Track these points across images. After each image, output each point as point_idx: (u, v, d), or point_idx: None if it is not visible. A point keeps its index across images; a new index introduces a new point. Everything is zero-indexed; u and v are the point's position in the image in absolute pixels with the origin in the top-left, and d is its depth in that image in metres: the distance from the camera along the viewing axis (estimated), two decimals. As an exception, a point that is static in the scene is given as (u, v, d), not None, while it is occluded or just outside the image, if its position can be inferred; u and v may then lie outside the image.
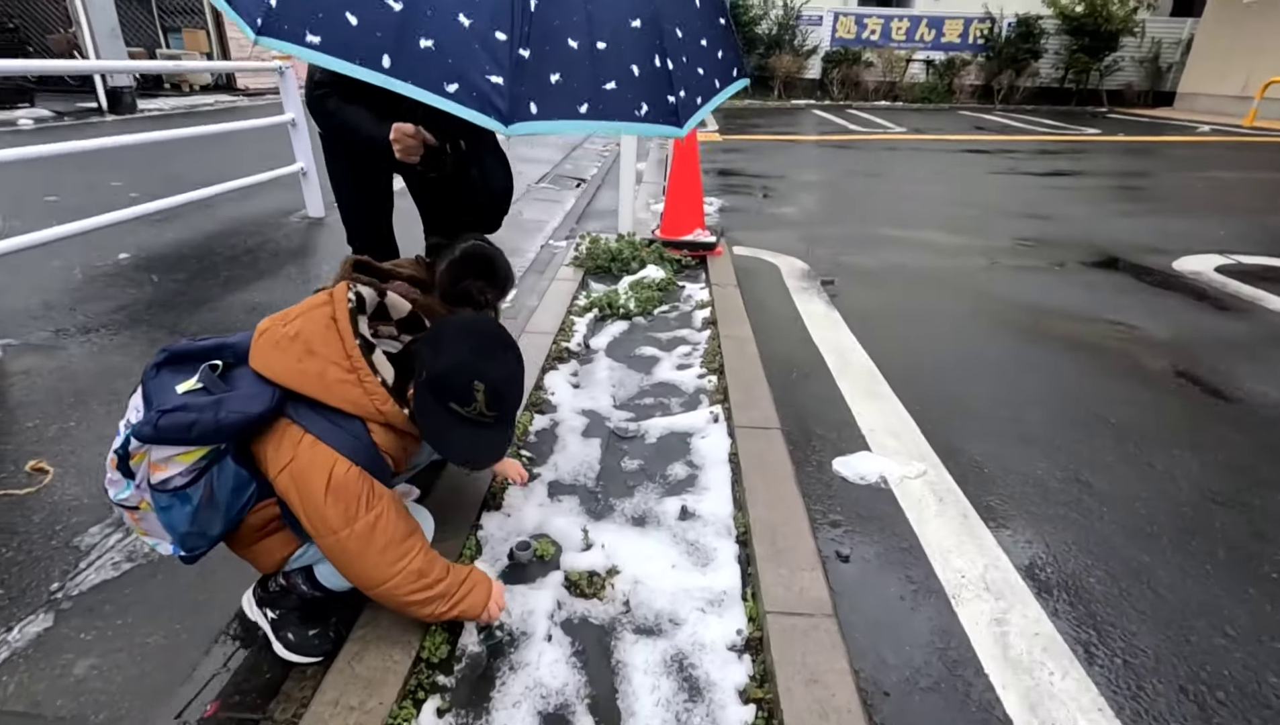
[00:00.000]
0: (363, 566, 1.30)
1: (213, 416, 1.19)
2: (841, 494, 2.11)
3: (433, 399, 1.33)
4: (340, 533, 1.26)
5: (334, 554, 1.29)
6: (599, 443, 2.33)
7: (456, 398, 1.32)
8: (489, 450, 1.45)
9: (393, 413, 1.32)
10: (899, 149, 9.86)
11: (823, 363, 3.01)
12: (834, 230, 5.33)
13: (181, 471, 1.22)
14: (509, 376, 1.40)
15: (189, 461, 1.22)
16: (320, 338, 1.29)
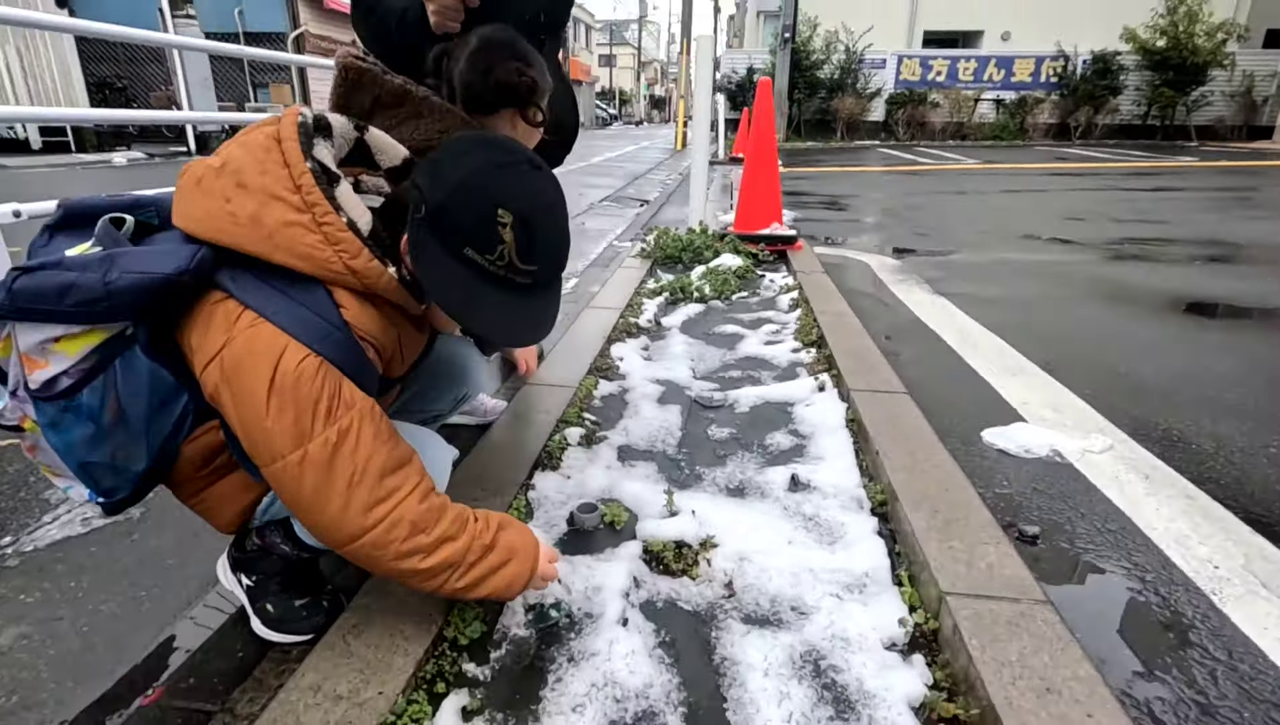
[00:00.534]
0: (324, 511, 0.85)
1: (99, 277, 0.80)
2: (1004, 467, 1.60)
3: (439, 243, 0.87)
4: (289, 457, 0.83)
5: (284, 490, 0.86)
6: (679, 410, 1.89)
7: (474, 238, 0.86)
8: (528, 322, 0.95)
9: (368, 270, 0.88)
10: (976, 175, 9.32)
11: (941, 342, 2.51)
12: (924, 236, 4.84)
13: (68, 368, 0.84)
14: (548, 206, 0.92)
15: (74, 351, 0.84)
16: (256, 165, 0.85)
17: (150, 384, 0.87)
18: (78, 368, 0.84)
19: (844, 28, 16.51)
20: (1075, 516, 1.40)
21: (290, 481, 0.84)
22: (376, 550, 0.88)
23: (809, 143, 16.27)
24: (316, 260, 0.85)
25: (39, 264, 0.82)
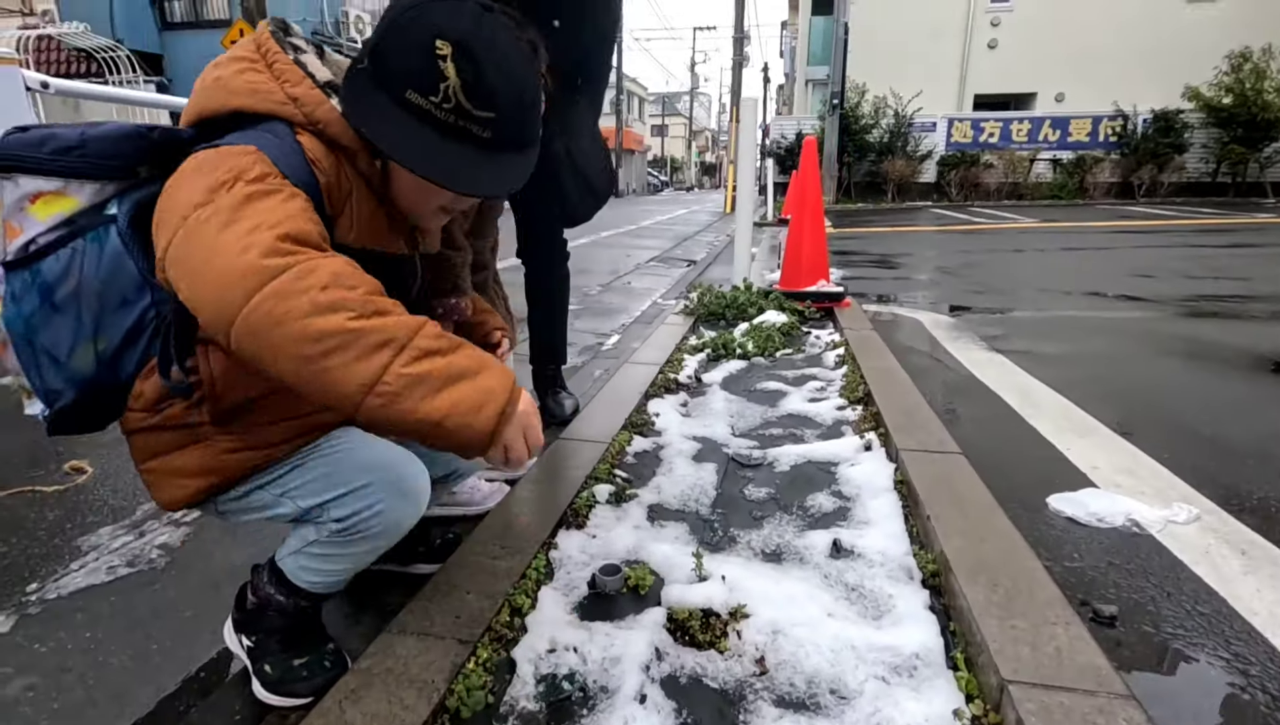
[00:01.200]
0: (217, 261, 0.68)
1: (77, 132, 0.81)
2: (1074, 537, 1.44)
3: (382, 91, 0.81)
4: (192, 213, 0.70)
5: (182, 260, 0.70)
6: (714, 468, 1.80)
7: (413, 76, 0.79)
8: (491, 174, 0.85)
9: (309, 96, 0.82)
10: (1035, 233, 9.07)
11: (1000, 402, 2.36)
12: (980, 293, 4.68)
13: (37, 233, 0.82)
14: (491, 35, 0.80)
15: (45, 216, 0.81)
16: (233, 53, 0.87)
17: (113, 269, 0.82)
18: (47, 232, 0.82)
19: (892, 93, 16.68)
20: (1159, 595, 1.24)
21: (187, 242, 0.70)
22: (285, 303, 0.66)
23: (859, 204, 16.26)
24: (261, 92, 0.82)
25: (26, 125, 0.83)
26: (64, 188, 0.82)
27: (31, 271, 0.82)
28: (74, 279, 0.82)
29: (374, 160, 0.89)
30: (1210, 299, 4.22)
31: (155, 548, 1.51)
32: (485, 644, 1.07)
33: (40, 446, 2.01)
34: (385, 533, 0.94)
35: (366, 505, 0.91)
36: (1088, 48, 17.90)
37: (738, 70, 18.08)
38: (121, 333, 0.85)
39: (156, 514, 1.65)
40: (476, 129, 0.82)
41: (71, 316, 0.83)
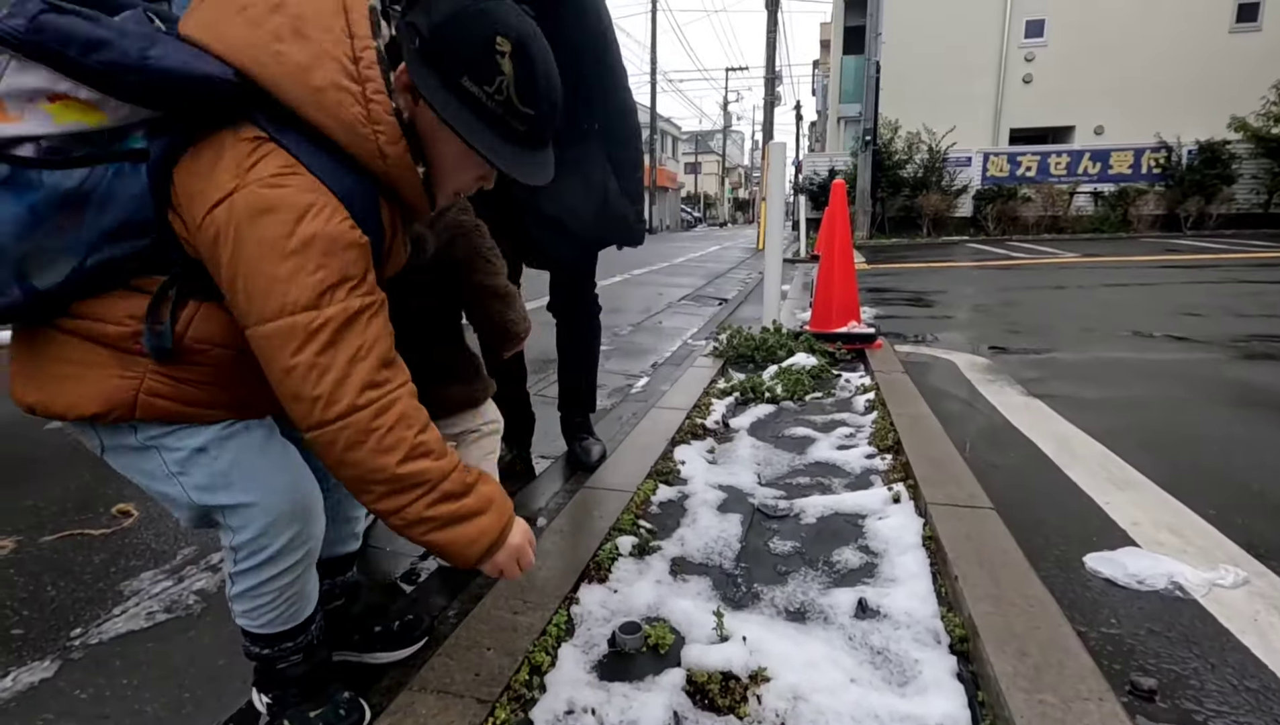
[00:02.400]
0: (319, 383, 0.78)
1: (138, 46, 0.73)
2: (1111, 601, 1.39)
3: (436, 75, 0.83)
4: (299, 316, 0.77)
5: (280, 351, 0.78)
6: (739, 519, 1.79)
7: (472, 66, 0.83)
8: (535, 169, 0.92)
9: (401, 160, 0.84)
10: (1076, 269, 8.88)
11: (1035, 450, 2.30)
12: (1017, 333, 4.59)
13: (43, 134, 0.74)
14: (543, 43, 0.89)
15: (62, 120, 0.74)
16: (320, 21, 0.80)
17: (130, 208, 0.78)
18: (56, 138, 0.75)
19: (925, 129, 16.68)
20: (1203, 668, 1.18)
21: (292, 341, 0.77)
22: (358, 436, 0.80)
23: (894, 240, 16.15)
24: (356, 132, 0.81)
25: (72, 9, 0.73)
26: (100, 101, 0.75)
27: (20, 176, 0.74)
28: (77, 206, 0.76)
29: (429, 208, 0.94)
30: (1263, 339, 4.07)
31: (193, 593, 1.56)
32: (504, 704, 1.07)
33: (91, 490, 2.10)
34: (286, 551, 0.94)
35: (261, 520, 0.92)
36: (1126, 79, 17.69)
37: (769, 109, 18.32)
38: (100, 263, 0.80)
39: (195, 559, 1.70)
40: (515, 123, 0.88)
41: (55, 238, 0.77)
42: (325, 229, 0.78)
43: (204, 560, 1.70)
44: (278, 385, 0.81)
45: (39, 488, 2.12)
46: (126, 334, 0.83)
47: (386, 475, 0.82)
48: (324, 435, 0.80)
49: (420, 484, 0.84)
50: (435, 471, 0.85)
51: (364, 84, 0.80)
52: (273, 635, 1.01)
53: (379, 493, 0.84)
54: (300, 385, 0.79)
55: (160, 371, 0.85)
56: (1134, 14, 17.52)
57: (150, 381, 0.85)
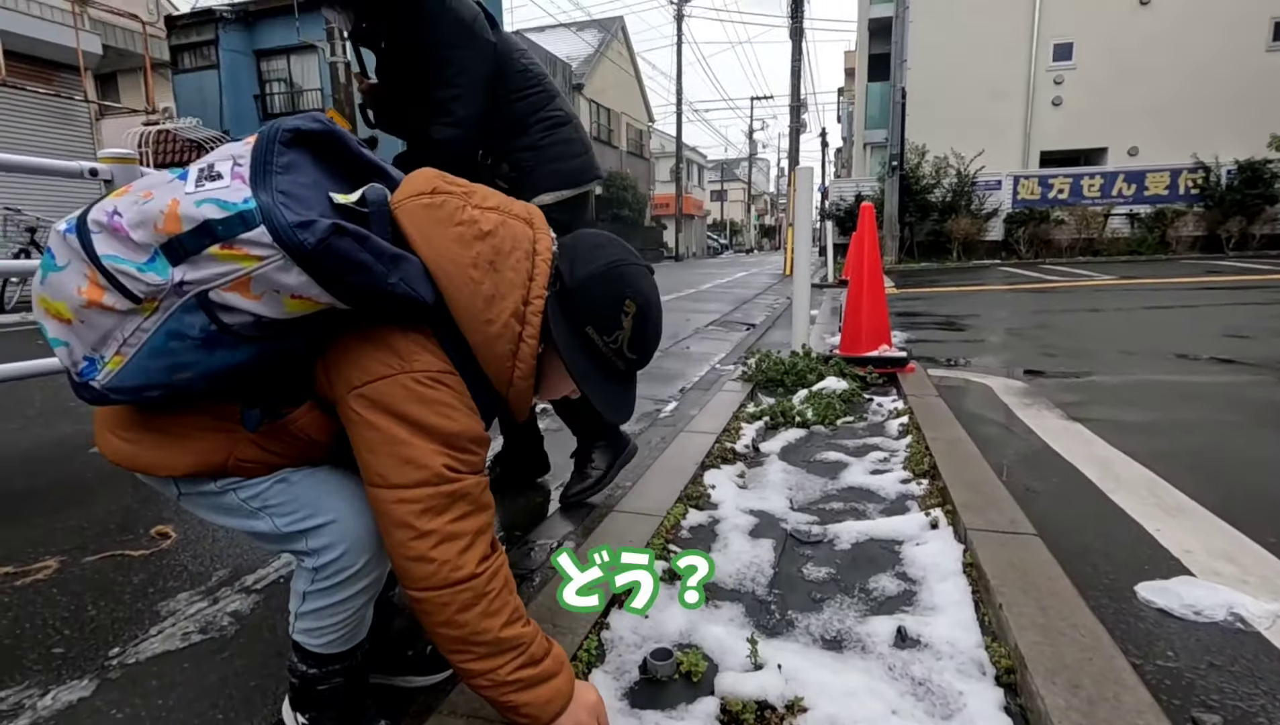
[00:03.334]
0: (450, 547, 0.87)
1: (385, 273, 0.82)
2: (1167, 632, 1.32)
3: (564, 318, 0.97)
4: (441, 487, 0.87)
5: (419, 514, 0.86)
6: (771, 545, 1.75)
7: (598, 320, 0.97)
8: (624, 404, 1.07)
9: (525, 390, 0.98)
10: (1113, 291, 8.68)
11: (1078, 474, 2.22)
12: (1054, 356, 4.48)
13: (268, 314, 0.80)
14: (659, 308, 1.04)
15: (291, 310, 0.81)
16: (513, 260, 0.93)
17: (285, 355, 0.88)
18: (275, 321, 0.81)
19: (953, 153, 16.60)
20: (1271, 705, 1.11)
21: (431, 509, 0.86)
22: (474, 600, 0.87)
23: (923, 264, 16.00)
24: (501, 365, 0.94)
25: (354, 230, 0.80)
26: (334, 303, 0.83)
27: (220, 340, 0.81)
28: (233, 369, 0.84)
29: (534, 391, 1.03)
30: (1316, 361, 3.91)
31: (227, 614, 1.57)
32: (534, 730, 1.05)
33: (132, 512, 2.15)
34: (365, 571, 0.97)
35: (346, 539, 0.95)
36: (1160, 100, 17.47)
37: (795, 137, 18.41)
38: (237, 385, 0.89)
39: (229, 580, 1.72)
40: (619, 364, 1.02)
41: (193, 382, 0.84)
42: (470, 427, 0.90)
43: (238, 582, 1.71)
44: (402, 545, 0.86)
45: (84, 509, 2.17)
46: (234, 411, 0.92)
47: (490, 638, 0.89)
48: (441, 596, 0.87)
49: (516, 647, 0.91)
50: (528, 635, 0.93)
51: (524, 326, 0.93)
52: (327, 656, 1.02)
53: (478, 654, 0.89)
54: (432, 549, 0.86)
55: (254, 441, 0.93)
56: (1165, 36, 17.37)
57: (242, 448, 0.93)
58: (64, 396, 3.61)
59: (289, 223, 0.75)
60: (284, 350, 0.87)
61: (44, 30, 9.86)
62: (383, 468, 0.86)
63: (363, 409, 0.87)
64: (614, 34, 30.93)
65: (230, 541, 1.93)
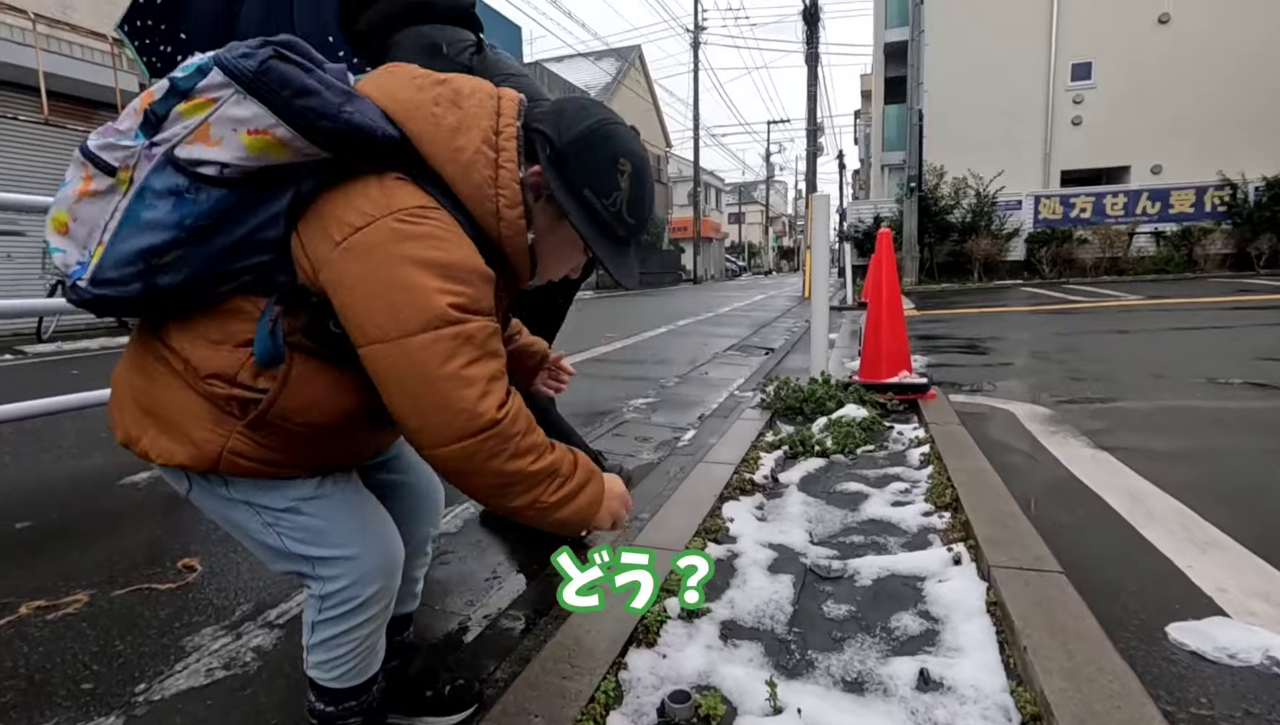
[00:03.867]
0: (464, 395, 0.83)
1: (337, 101, 0.83)
2: (1200, 677, 1.29)
3: (563, 183, 0.94)
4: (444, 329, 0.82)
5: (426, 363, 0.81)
6: (791, 581, 1.74)
7: (596, 181, 0.94)
8: (632, 271, 1.03)
9: (515, 224, 0.92)
10: (1140, 312, 8.54)
11: (1105, 507, 2.18)
12: (1080, 381, 4.41)
13: (231, 160, 0.81)
14: (651, 173, 1.02)
15: (254, 151, 0.82)
16: (476, 99, 0.93)
17: (262, 225, 0.85)
18: (239, 166, 0.82)
19: (972, 174, 16.54)
20: (1313, 757, 1.07)
21: (440, 352, 0.81)
22: (500, 445, 0.85)
23: (944, 285, 15.88)
24: (482, 192, 0.90)
25: (295, 59, 0.83)
26: (291, 139, 0.83)
27: (190, 190, 0.82)
28: (225, 218, 0.84)
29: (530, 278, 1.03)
30: (1354, 385, 3.80)
31: (250, 650, 1.59)
32: (551, 776, 1.05)
33: (159, 544, 2.19)
34: (371, 601, 0.99)
35: (355, 572, 0.96)
36: (1182, 118, 17.31)
37: (812, 160, 18.48)
38: (221, 271, 0.86)
39: (252, 615, 1.74)
40: (619, 229, 0.99)
41: (183, 246, 0.83)
42: (467, 257, 0.86)
43: (261, 617, 1.73)
44: (417, 398, 0.82)
45: (113, 541, 2.21)
46: (222, 395, 0.89)
47: (524, 476, 0.88)
48: (465, 448, 0.83)
49: (550, 475, 0.91)
50: (558, 460, 0.93)
51: (499, 152, 0.91)
52: (341, 691, 1.03)
53: (518, 492, 0.89)
54: (450, 394, 0.82)
55: (246, 434, 0.90)
56: (1186, 53, 17.25)
57: (235, 441, 0.90)
58: (95, 428, 3.71)
59: (235, 55, 0.81)
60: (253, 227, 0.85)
61: (85, 71, 10.28)
62: (381, 319, 0.81)
63: (349, 262, 0.83)
64: (631, 63, 31.45)
65: (254, 574, 1.96)
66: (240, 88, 0.81)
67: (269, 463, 0.93)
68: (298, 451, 0.95)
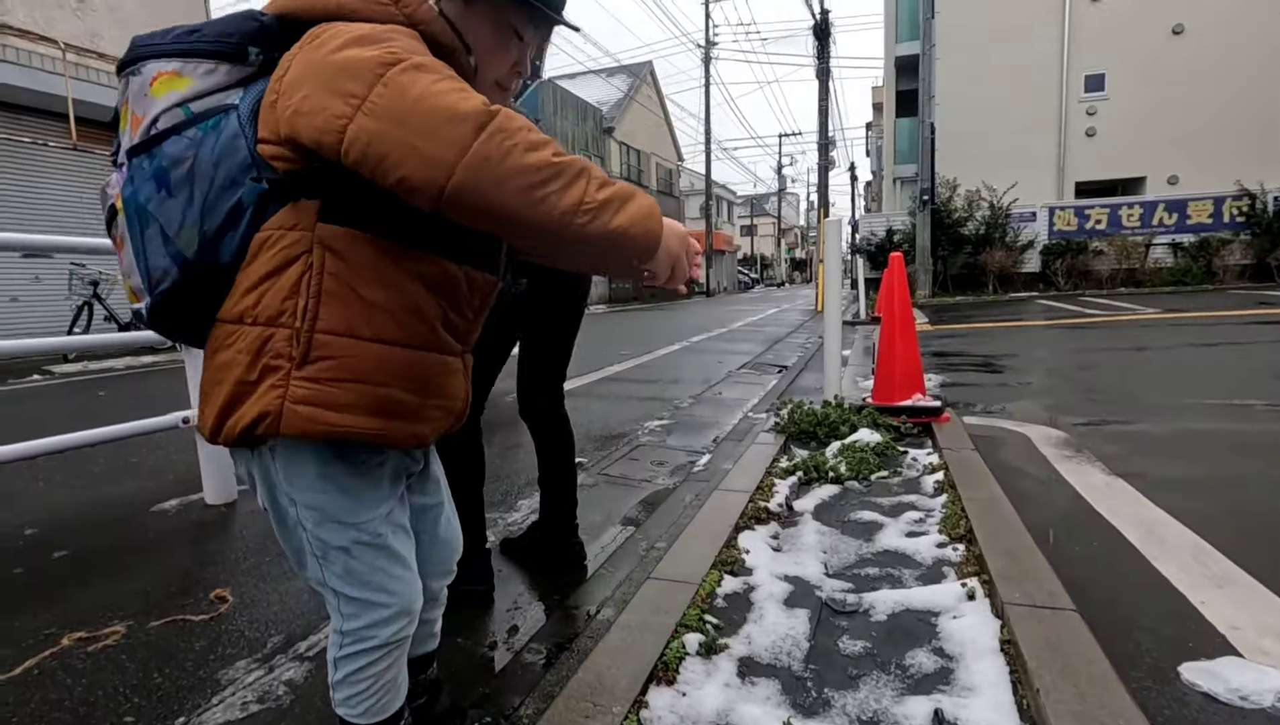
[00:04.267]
0: (444, 102, 0.77)
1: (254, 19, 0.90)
2: (1213, 719, 1.30)
3: None
4: (403, 62, 0.79)
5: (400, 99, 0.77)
6: (807, 615, 1.77)
7: None
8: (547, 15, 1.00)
9: (421, 9, 0.91)
10: (1158, 326, 8.47)
11: (1120, 539, 2.19)
12: (1096, 401, 4.40)
13: (160, 109, 0.88)
14: None
15: (164, 93, 0.88)
16: None
17: (227, 151, 0.86)
18: (165, 113, 0.88)
19: (985, 186, 16.52)
20: (1323, 804, 1.09)
21: (399, 88, 0.77)
22: (508, 138, 0.77)
23: (958, 297, 15.82)
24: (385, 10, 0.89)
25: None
26: (180, 68, 0.88)
27: (151, 155, 0.88)
28: (188, 161, 0.87)
29: (468, 54, 0.96)
30: (1375, 406, 3.77)
31: (282, 684, 1.64)
32: (576, 817, 1.09)
33: (192, 574, 2.26)
34: (386, 643, 1.02)
35: (375, 616, 1.00)
36: (1199, 128, 17.20)
37: (823, 174, 18.53)
38: (224, 213, 0.87)
39: (284, 647, 1.80)
40: None
41: (183, 198, 0.87)
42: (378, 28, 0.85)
43: (292, 649, 1.79)
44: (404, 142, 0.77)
45: (147, 571, 2.29)
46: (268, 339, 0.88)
47: (553, 165, 0.79)
48: (476, 153, 0.76)
49: (581, 168, 0.81)
50: (577, 159, 0.83)
51: None
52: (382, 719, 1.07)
53: (557, 187, 0.78)
54: (428, 114, 0.76)
55: (301, 377, 0.87)
56: (1201, 63, 17.18)
57: (294, 388, 0.87)
58: (125, 453, 3.81)
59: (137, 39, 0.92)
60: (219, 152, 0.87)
61: (113, 96, 10.58)
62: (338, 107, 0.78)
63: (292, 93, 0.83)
64: (643, 78, 31.73)
65: (283, 606, 2.02)
66: (130, 68, 0.91)
67: (330, 405, 0.88)
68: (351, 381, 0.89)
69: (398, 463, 1.04)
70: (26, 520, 2.83)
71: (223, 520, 2.77)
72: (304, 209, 0.88)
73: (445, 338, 0.98)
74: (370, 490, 0.99)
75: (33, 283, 9.77)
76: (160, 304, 0.92)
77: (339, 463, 0.95)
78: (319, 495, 0.95)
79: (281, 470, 0.95)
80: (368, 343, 0.89)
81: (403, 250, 0.90)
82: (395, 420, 0.93)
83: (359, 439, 0.91)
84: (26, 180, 9.93)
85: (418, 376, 0.94)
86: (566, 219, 0.79)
